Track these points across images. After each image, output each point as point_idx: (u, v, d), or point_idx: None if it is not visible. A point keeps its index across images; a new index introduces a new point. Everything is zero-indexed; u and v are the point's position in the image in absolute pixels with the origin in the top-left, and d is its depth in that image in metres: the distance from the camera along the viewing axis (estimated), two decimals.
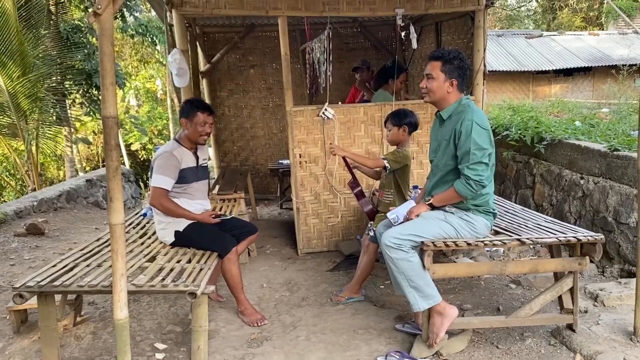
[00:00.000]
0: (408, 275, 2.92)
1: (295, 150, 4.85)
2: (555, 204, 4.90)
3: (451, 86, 3.03)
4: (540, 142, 5.17)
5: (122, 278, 2.67)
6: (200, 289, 2.85)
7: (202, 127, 3.61)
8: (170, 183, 3.51)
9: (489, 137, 2.93)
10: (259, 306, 3.85)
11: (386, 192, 3.89)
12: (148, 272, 3.09)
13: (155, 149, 4.05)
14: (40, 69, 8.98)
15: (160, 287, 2.86)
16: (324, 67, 4.88)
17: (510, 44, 16.34)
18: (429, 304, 2.94)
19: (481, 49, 5.01)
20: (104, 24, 2.59)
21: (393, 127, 3.78)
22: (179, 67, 4.65)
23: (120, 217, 2.67)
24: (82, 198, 7.68)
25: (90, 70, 10.61)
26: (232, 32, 7.33)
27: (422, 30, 6.84)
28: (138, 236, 3.91)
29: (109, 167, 2.67)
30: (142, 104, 19.87)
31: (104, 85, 2.63)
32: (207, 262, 3.33)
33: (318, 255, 4.98)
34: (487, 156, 2.89)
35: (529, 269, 3.07)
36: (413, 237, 2.94)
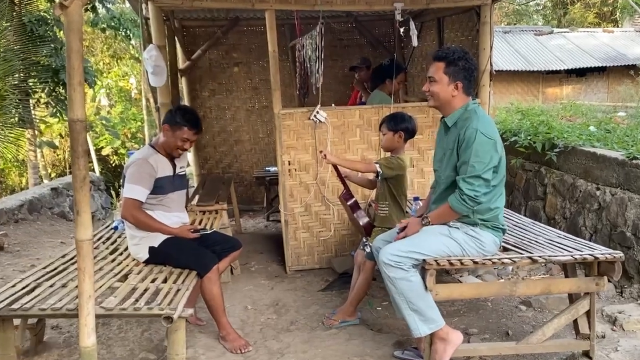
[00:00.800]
0: (408, 296, 2.90)
1: (283, 157, 4.82)
2: (569, 217, 4.91)
3: (456, 89, 2.99)
4: (552, 149, 5.18)
5: (90, 300, 2.63)
6: (177, 313, 2.81)
7: (182, 142, 3.58)
8: (144, 193, 3.47)
9: (494, 147, 2.89)
10: (243, 331, 3.80)
11: (381, 204, 3.86)
12: (119, 293, 3.05)
13: (129, 154, 4.01)
14: (1, 66, 8.91)
15: (132, 311, 2.82)
16: (315, 65, 4.87)
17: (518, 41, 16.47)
18: (430, 329, 2.91)
19: (487, 47, 5.02)
20: (71, 17, 2.56)
21: (388, 132, 3.76)
22: (156, 64, 4.61)
23: (88, 233, 2.64)
24: (46, 208, 7.60)
25: (57, 67, 10.54)
26: (214, 27, 7.31)
27: (423, 27, 6.85)
28: (108, 252, 3.86)
29: (76, 177, 2.63)
30: (115, 104, 19.77)
31: (71, 85, 2.60)
32: (184, 281, 3.29)
33: (308, 273, 4.95)
34: (487, 171, 2.84)
35: (541, 289, 3.05)
36: (414, 255, 2.92)
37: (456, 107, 3.04)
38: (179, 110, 3.65)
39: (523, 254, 2.96)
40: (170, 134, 3.56)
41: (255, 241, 6.04)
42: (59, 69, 10.61)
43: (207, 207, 4.90)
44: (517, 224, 3.82)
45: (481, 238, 3.01)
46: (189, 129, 3.56)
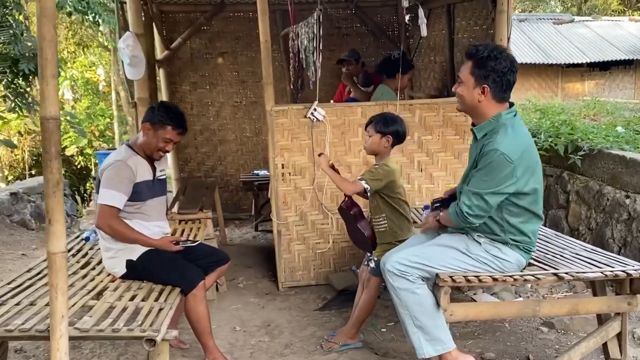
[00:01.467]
0: (413, 311, 2.93)
1: (276, 160, 4.84)
2: (595, 227, 4.96)
3: (482, 94, 2.93)
4: (576, 152, 5.25)
5: (63, 321, 2.64)
6: (160, 335, 2.81)
7: (164, 143, 3.59)
8: (122, 200, 3.47)
9: (512, 173, 2.85)
10: (232, 355, 3.82)
11: (376, 218, 3.81)
12: (94, 312, 3.05)
13: (97, 155, 4.00)
14: None
15: (110, 332, 2.81)
16: (312, 57, 4.89)
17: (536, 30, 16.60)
18: (436, 351, 2.93)
19: (505, 38, 5.06)
20: (44, 2, 2.58)
21: (375, 134, 3.70)
22: (133, 54, 4.65)
23: (62, 244, 2.65)
24: (4, 216, 7.57)
25: (16, 56, 10.53)
26: (196, 12, 7.36)
27: (431, 14, 6.92)
28: (80, 266, 3.86)
29: (49, 181, 2.64)
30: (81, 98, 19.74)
31: (44, 78, 2.62)
32: (167, 299, 3.29)
33: (304, 290, 4.97)
34: (492, 194, 2.87)
35: (567, 310, 3.10)
36: (422, 267, 2.95)
37: (486, 115, 2.98)
38: (161, 107, 3.64)
39: (547, 270, 3.00)
40: (152, 133, 3.56)
41: (243, 254, 6.06)
42: (19, 58, 10.57)
43: (190, 215, 4.91)
44: (540, 237, 3.85)
45: (507, 258, 3.02)
46: (172, 128, 3.56)
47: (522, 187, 2.90)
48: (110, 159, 3.60)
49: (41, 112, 2.65)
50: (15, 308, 3.03)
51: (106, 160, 3.63)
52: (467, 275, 2.92)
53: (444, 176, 5.11)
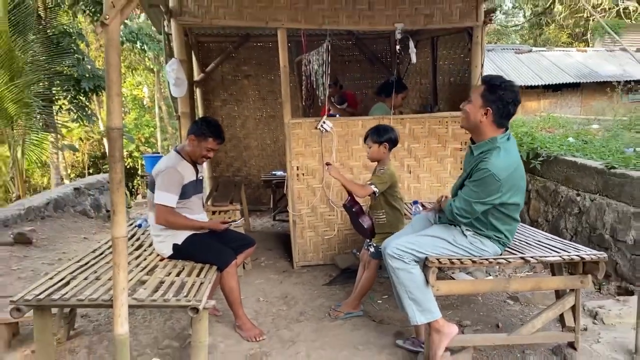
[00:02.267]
0: (408, 287, 2.93)
1: (292, 163, 4.84)
2: (551, 220, 4.95)
3: (485, 115, 2.87)
4: (536, 158, 5.23)
5: (124, 292, 2.64)
6: (202, 304, 2.83)
7: (207, 151, 3.59)
8: (175, 200, 3.48)
9: (498, 189, 2.81)
10: (257, 320, 3.82)
11: (377, 212, 3.80)
12: (148, 285, 3.05)
13: (143, 157, 3.97)
14: (28, 75, 8.89)
15: (162, 302, 2.83)
16: (322, 79, 4.90)
17: (500, 58, 16.53)
18: (427, 319, 2.94)
19: (479, 65, 5.07)
20: (111, 35, 2.58)
21: (373, 145, 3.69)
22: (177, 77, 4.63)
23: (123, 230, 2.65)
24: (69, 206, 7.59)
25: (79, 76, 10.55)
26: (226, 42, 7.34)
27: (418, 44, 6.84)
28: (134, 248, 3.86)
29: (113, 180, 2.65)
30: (129, 111, 19.76)
31: (110, 97, 2.62)
32: (207, 275, 3.30)
33: (314, 269, 4.96)
34: (479, 203, 2.86)
35: (531, 286, 3.09)
36: (415, 252, 2.95)
37: (484, 135, 2.92)
38: (204, 122, 3.62)
39: (516, 255, 2.99)
40: (196, 143, 3.56)
41: (264, 239, 6.04)
42: (80, 78, 10.62)
43: (222, 207, 4.92)
44: None
45: (487, 248, 3.02)
46: (213, 139, 3.57)
47: (507, 200, 2.87)
48: (163, 164, 3.57)
49: (107, 123, 2.65)
50: (84, 282, 3.04)
51: (160, 164, 3.61)
52: (451, 259, 2.92)
53: (428, 177, 5.11)
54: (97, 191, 8.77)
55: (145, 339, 3.49)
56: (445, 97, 6.11)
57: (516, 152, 2.99)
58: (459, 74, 5.78)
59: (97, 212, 8.38)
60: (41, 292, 2.81)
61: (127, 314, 2.67)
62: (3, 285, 4.32)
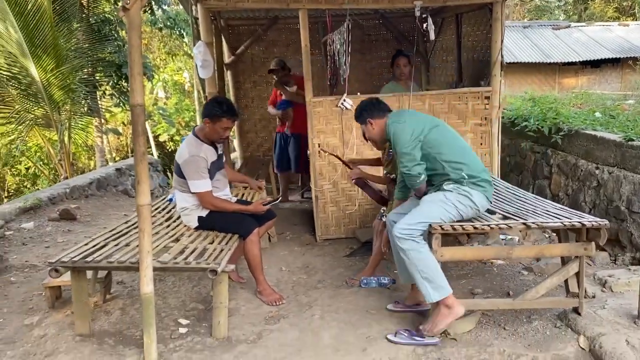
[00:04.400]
0: (419, 266, 3.01)
1: (314, 140, 4.98)
2: (571, 193, 4.96)
3: (372, 127, 3.50)
4: (558, 132, 5.22)
5: (148, 255, 2.88)
6: (220, 267, 3.04)
7: (223, 131, 3.73)
8: (209, 183, 3.70)
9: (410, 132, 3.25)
10: (278, 287, 4.03)
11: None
12: (172, 251, 3.30)
13: (183, 141, 4.17)
14: (72, 61, 9.30)
15: (183, 265, 3.06)
16: (343, 58, 5.00)
17: (537, 35, 16.13)
18: (440, 296, 3.00)
19: (499, 41, 5.06)
20: (132, 18, 2.78)
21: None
22: (204, 59, 4.84)
23: (147, 199, 2.87)
24: (111, 186, 7.98)
25: (120, 62, 10.92)
26: (255, 25, 7.50)
27: (444, 22, 6.90)
28: (164, 219, 4.12)
29: (137, 152, 2.86)
30: (171, 96, 20.25)
31: (132, 76, 2.83)
32: (228, 243, 3.53)
33: (336, 242, 5.12)
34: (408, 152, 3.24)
35: (535, 253, 3.18)
36: (420, 224, 3.06)
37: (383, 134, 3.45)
38: (215, 103, 3.71)
39: (519, 221, 3.08)
40: (211, 125, 3.68)
41: (291, 215, 6.23)
42: (122, 64, 10.98)
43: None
44: (520, 198, 3.88)
45: (471, 195, 3.15)
46: (227, 118, 3.68)
47: (426, 136, 3.23)
48: (185, 151, 3.69)
49: (130, 100, 2.86)
50: (115, 248, 3.31)
51: (182, 150, 3.74)
52: (453, 224, 3.03)
53: None
54: None
55: (173, 302, 3.75)
56: (469, 74, 6.12)
57: (407, 113, 3.52)
58: (482, 51, 5.77)
59: None
60: (76, 256, 3.09)
61: (151, 275, 2.90)
62: (49, 255, 4.68)
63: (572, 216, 3.12)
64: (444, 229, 2.98)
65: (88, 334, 3.23)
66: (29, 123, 9.35)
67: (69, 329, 3.32)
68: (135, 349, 3.09)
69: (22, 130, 9.59)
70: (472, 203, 3.14)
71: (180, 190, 3.84)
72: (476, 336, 3.16)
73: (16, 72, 8.97)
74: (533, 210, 3.37)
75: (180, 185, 3.82)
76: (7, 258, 4.62)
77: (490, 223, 3.03)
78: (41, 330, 3.35)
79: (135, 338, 3.23)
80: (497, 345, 3.05)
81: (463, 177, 3.17)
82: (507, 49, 15.29)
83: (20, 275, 4.32)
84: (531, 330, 3.20)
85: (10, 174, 11.82)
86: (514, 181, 6.26)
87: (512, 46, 15.02)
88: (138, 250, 2.91)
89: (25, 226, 5.64)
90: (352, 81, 7.63)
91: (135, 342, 3.16)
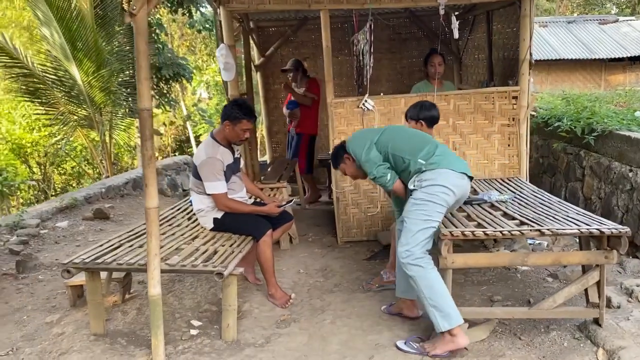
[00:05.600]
0: (427, 294, 2.90)
1: (335, 141, 4.90)
2: (604, 197, 4.72)
3: (352, 163, 3.51)
4: (591, 133, 4.98)
5: (156, 258, 2.89)
6: (227, 270, 3.03)
7: (243, 132, 3.74)
8: (224, 185, 3.72)
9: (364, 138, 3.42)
10: (293, 289, 4.00)
11: None
12: (183, 253, 3.32)
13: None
14: (113, 64, 9.56)
15: (190, 267, 3.07)
16: (366, 58, 4.93)
17: (582, 30, 15.50)
18: (450, 325, 2.86)
19: (527, 38, 4.87)
20: (138, 24, 2.80)
21: (411, 121, 3.77)
22: (226, 61, 4.86)
23: (155, 202, 2.90)
24: None
25: (159, 65, 11.16)
26: (285, 26, 7.50)
27: (475, 20, 6.71)
28: (183, 220, 4.15)
29: (144, 156, 2.89)
30: (212, 97, 20.57)
31: (139, 80, 2.84)
32: (240, 245, 3.52)
33: (357, 244, 5.04)
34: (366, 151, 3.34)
35: (551, 261, 3.02)
36: (414, 239, 2.96)
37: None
38: (234, 105, 3.74)
39: (534, 227, 2.94)
40: (231, 128, 3.70)
41: (315, 216, 6.20)
42: (161, 66, 11.23)
43: (270, 184, 5.13)
44: (543, 202, 3.73)
45: (435, 181, 3.07)
46: (247, 120, 3.71)
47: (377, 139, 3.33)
48: (202, 153, 3.74)
49: (138, 104, 2.88)
50: (128, 249, 3.35)
51: (200, 152, 3.78)
52: (463, 231, 2.92)
53: (475, 154, 5.01)
54: (174, 172, 9.32)
55: (189, 303, 3.78)
56: (500, 73, 5.92)
57: (358, 132, 3.72)
58: (512, 49, 5.58)
59: (173, 191, 8.91)
60: (89, 257, 3.15)
61: (159, 277, 2.92)
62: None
63: (593, 223, 2.95)
64: (454, 235, 2.87)
65: (102, 333, 3.29)
66: (73, 124, 9.69)
67: (86, 328, 3.38)
68: (145, 350, 3.12)
69: (67, 131, 9.96)
70: (441, 188, 3.04)
71: (196, 191, 3.87)
72: (489, 346, 3.04)
73: (61, 75, 9.30)
74: (553, 216, 3.21)
75: (196, 186, 3.85)
76: (37, 256, 4.78)
77: (503, 230, 2.89)
78: (60, 328, 3.43)
79: (148, 339, 3.25)
80: (510, 356, 2.92)
81: (420, 164, 3.15)
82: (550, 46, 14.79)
83: (48, 273, 4.46)
84: (548, 341, 3.05)
85: (57, 173, 12.25)
86: (546, 183, 6.02)
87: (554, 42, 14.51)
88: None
89: (60, 225, 5.82)
90: (382, 81, 7.60)
91: (147, 342, 3.19)
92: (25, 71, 9.05)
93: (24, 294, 4.05)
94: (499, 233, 2.89)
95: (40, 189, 11.44)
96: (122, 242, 3.48)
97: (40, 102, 9.49)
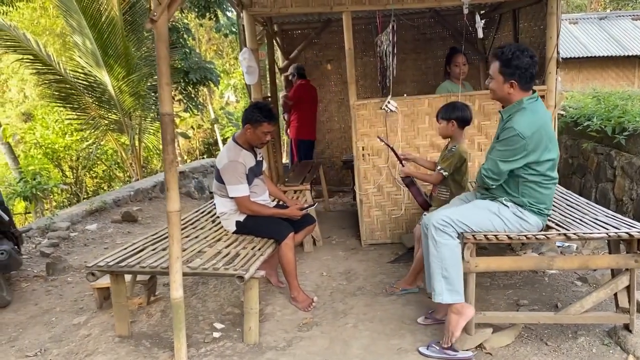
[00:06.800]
0: (445, 263, 2.87)
1: (358, 143, 4.90)
2: (636, 198, 4.57)
3: (511, 88, 2.90)
4: (622, 132, 4.83)
5: (178, 261, 2.92)
6: (248, 274, 3.03)
7: (264, 135, 3.75)
8: (246, 188, 3.72)
9: (524, 147, 2.81)
10: (316, 293, 3.98)
11: (441, 189, 3.83)
12: (205, 256, 3.34)
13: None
14: (142, 69, 9.72)
15: (212, 270, 3.08)
16: (389, 59, 4.88)
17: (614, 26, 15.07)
18: (453, 300, 2.86)
19: (554, 37, 4.75)
20: (159, 30, 2.83)
21: (442, 121, 3.72)
22: (249, 65, 4.88)
23: (176, 205, 2.91)
24: None
25: (187, 69, 11.29)
26: (309, 29, 7.50)
27: (501, 18, 6.59)
28: (207, 222, 4.18)
29: (165, 160, 2.90)
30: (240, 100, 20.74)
31: (160, 86, 2.87)
32: (261, 248, 3.52)
33: (381, 247, 4.99)
34: (505, 162, 2.87)
35: (578, 265, 2.93)
36: (460, 224, 2.91)
37: (512, 101, 2.96)
38: (255, 108, 3.74)
39: (560, 231, 2.86)
40: (252, 131, 3.72)
41: (340, 218, 6.18)
42: (189, 71, 11.35)
43: (293, 187, 5.13)
44: (571, 204, 3.64)
45: (527, 219, 2.96)
46: (268, 123, 3.72)
47: (537, 159, 2.85)
48: (224, 156, 3.75)
49: (160, 109, 2.90)
50: (152, 252, 3.38)
51: (222, 155, 3.80)
52: (486, 234, 2.85)
53: None
54: (201, 174, 9.43)
55: (212, 306, 3.80)
56: None
57: (544, 112, 2.97)
58: (539, 48, 5.45)
59: (200, 194, 9.02)
60: (113, 260, 3.19)
61: (181, 280, 2.94)
62: None
63: (622, 225, 2.85)
64: (476, 239, 2.81)
65: (127, 335, 3.33)
66: (104, 128, 9.90)
67: (112, 329, 3.43)
68: (169, 352, 3.14)
69: (98, 135, 10.17)
70: (526, 224, 2.95)
71: (219, 195, 3.89)
72: (514, 351, 2.97)
73: (92, 80, 9.50)
74: (580, 219, 3.13)
75: (219, 190, 3.87)
76: (67, 259, 4.87)
77: (528, 233, 2.82)
78: (86, 330, 3.49)
79: (171, 341, 3.27)
80: None
81: (526, 204, 2.97)
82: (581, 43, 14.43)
83: (76, 275, 4.55)
84: (576, 346, 2.96)
85: (88, 177, 12.52)
86: (576, 184, 5.87)
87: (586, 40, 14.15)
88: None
89: (89, 228, 5.94)
90: (407, 81, 7.54)
91: (170, 345, 3.21)
92: (58, 77, 9.30)
93: (53, 295, 4.14)
94: (524, 237, 2.81)
95: (73, 192, 11.70)
96: (146, 245, 3.52)
97: (72, 107, 9.73)
